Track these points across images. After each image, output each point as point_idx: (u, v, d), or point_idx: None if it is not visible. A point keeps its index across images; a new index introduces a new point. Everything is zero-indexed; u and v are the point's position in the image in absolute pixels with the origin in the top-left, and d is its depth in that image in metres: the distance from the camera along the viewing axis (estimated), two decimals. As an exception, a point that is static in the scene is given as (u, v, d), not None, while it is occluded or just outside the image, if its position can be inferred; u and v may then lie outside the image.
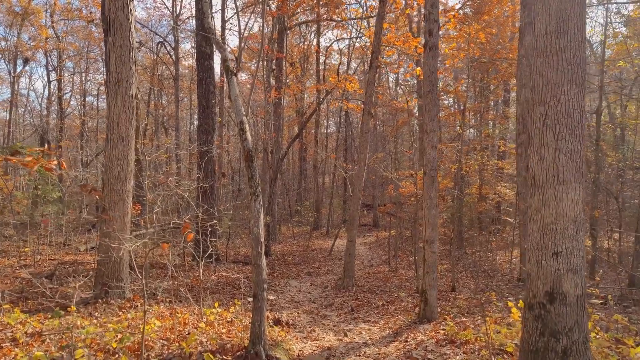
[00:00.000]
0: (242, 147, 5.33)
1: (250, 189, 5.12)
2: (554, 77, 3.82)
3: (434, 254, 8.35)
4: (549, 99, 3.86)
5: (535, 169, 4.00)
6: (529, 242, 4.05)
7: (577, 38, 3.78)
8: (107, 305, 8.13)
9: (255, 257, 4.77)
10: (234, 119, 5.59)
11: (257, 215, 5.00)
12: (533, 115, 4.00)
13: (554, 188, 3.85)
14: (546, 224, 3.91)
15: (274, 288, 11.66)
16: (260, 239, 4.88)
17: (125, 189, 8.49)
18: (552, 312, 3.83)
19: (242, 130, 5.47)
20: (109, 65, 8.46)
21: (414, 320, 8.46)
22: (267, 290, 4.93)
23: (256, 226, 4.93)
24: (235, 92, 5.76)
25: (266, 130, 17.53)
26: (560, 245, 3.83)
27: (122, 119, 8.39)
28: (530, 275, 4.02)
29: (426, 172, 8.37)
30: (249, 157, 5.21)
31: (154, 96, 28.17)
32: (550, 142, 3.86)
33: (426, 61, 8.38)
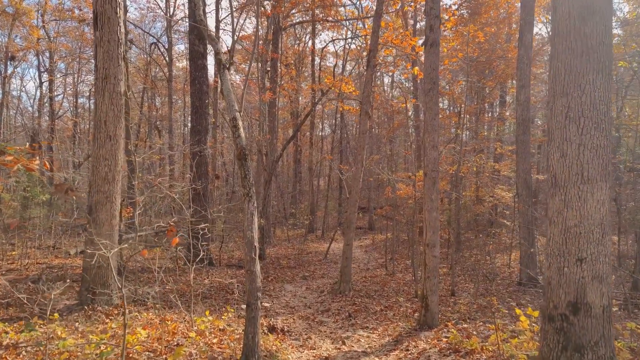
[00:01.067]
0: (234, 144, 4.92)
1: (244, 190, 4.71)
2: (577, 65, 3.45)
3: (435, 258, 7.97)
4: (572, 90, 3.49)
5: (556, 166, 3.61)
6: (548, 246, 3.67)
7: (604, 22, 3.41)
8: (93, 312, 7.68)
9: (248, 263, 4.36)
10: (227, 117, 5.17)
11: (250, 218, 4.60)
12: (554, 108, 3.62)
13: (577, 187, 3.48)
14: (569, 227, 3.52)
15: (268, 293, 11.23)
16: (254, 243, 4.47)
17: (113, 190, 8.05)
18: (575, 324, 3.44)
19: (234, 126, 5.06)
20: (96, 61, 8.03)
21: (414, 326, 8.06)
22: (261, 298, 4.52)
23: (250, 229, 4.52)
24: (228, 86, 5.35)
25: (261, 131, 17.12)
26: (584, 251, 3.45)
27: (109, 117, 7.95)
28: (551, 284, 3.63)
29: (427, 173, 7.99)
30: (242, 155, 4.81)
31: (147, 98, 27.66)
32: (573, 137, 3.49)
33: (427, 58, 8.01)
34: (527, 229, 11.43)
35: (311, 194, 25.42)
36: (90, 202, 8.02)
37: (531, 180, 11.65)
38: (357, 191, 11.15)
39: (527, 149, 11.55)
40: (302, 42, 26.04)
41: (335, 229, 21.02)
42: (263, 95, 16.26)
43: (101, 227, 7.92)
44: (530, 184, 11.55)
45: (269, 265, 14.98)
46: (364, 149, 11.22)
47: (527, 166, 11.54)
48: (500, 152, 19.29)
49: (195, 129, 13.36)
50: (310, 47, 24.05)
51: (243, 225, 15.98)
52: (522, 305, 9.83)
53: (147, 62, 25.26)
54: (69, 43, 26.02)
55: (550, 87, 3.64)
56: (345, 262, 11.23)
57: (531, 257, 11.43)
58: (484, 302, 10.10)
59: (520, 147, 11.58)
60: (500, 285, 11.97)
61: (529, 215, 11.43)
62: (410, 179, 13.42)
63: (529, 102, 11.42)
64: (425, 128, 8.13)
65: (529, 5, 11.20)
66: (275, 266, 14.85)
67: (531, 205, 11.46)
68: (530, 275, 11.35)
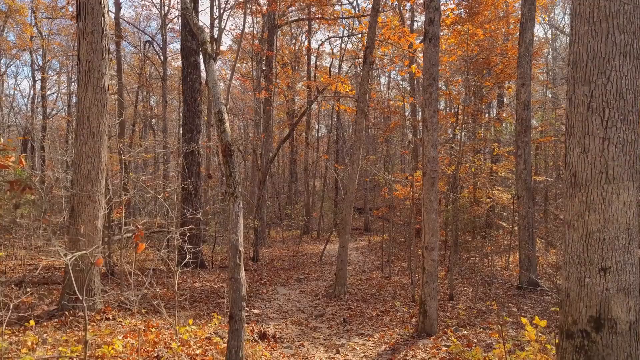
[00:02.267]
0: (219, 139, 4.49)
1: (229, 189, 4.27)
2: (602, 49, 3.03)
3: (434, 262, 7.54)
4: (596, 77, 3.06)
5: (576, 164, 3.18)
6: (566, 254, 3.24)
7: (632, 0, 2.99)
8: (74, 318, 7.20)
9: (232, 270, 3.92)
10: (212, 110, 4.71)
11: (235, 220, 4.15)
12: (573, 97, 3.19)
13: (601, 188, 3.05)
14: (591, 232, 3.10)
15: (261, 296, 10.77)
16: (239, 247, 4.03)
17: (96, 189, 7.58)
18: (598, 342, 3.02)
19: (220, 120, 4.62)
20: (79, 54, 7.56)
21: (412, 334, 7.63)
22: (245, 309, 4.07)
23: (234, 232, 4.08)
24: (214, 77, 4.91)
25: (255, 131, 16.67)
26: (609, 259, 3.03)
27: (93, 113, 7.49)
28: (569, 296, 3.20)
29: (426, 173, 7.56)
30: (227, 151, 4.36)
31: (142, 97, 27.15)
32: (596, 130, 3.06)
33: (426, 52, 7.58)
34: (527, 231, 11.02)
35: (307, 194, 24.98)
36: (72, 201, 7.55)
37: (531, 181, 11.25)
38: (353, 191, 10.72)
39: (527, 149, 11.15)
40: (298, 41, 25.61)
41: (330, 230, 20.58)
42: (258, 93, 15.82)
43: (83, 228, 7.44)
44: (530, 185, 11.15)
45: (263, 267, 14.52)
46: (360, 148, 10.78)
47: (527, 167, 11.14)
48: (497, 153, 18.90)
49: (187, 127, 12.90)
50: (306, 46, 23.62)
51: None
52: (523, 311, 9.42)
53: (141, 61, 24.76)
54: (62, 41, 25.49)
55: (569, 74, 3.22)
56: (341, 265, 10.78)
57: (531, 260, 11.02)
58: (484, 307, 9.69)
59: (520, 148, 11.18)
60: (499, 289, 11.56)
61: (529, 217, 11.03)
62: (408, 179, 13.00)
63: (529, 101, 11.03)
64: (424, 126, 7.71)
65: (530, 1, 10.80)
66: (269, 268, 14.40)
67: (531, 207, 11.05)
68: (531, 279, 10.94)
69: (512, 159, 18.93)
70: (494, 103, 23.73)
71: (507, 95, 21.34)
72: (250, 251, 15.55)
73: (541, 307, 9.66)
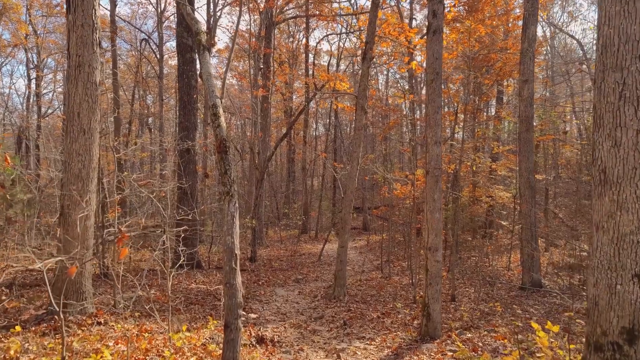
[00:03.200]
0: (214, 134, 4.16)
1: (223, 187, 3.95)
2: (636, 31, 2.72)
3: (438, 263, 7.23)
4: (629, 62, 2.76)
5: (606, 159, 2.87)
6: (594, 258, 2.94)
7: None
8: (65, 322, 6.86)
9: (228, 274, 3.60)
10: (207, 104, 4.38)
11: (231, 221, 3.84)
12: (603, 85, 2.88)
13: (634, 185, 2.75)
14: (623, 234, 2.79)
15: (259, 298, 10.45)
16: (235, 250, 3.72)
17: (88, 188, 7.24)
18: (631, 356, 2.72)
19: (214, 115, 4.30)
20: (69, 48, 7.21)
21: (415, 337, 7.31)
22: (242, 316, 3.75)
23: (230, 234, 3.76)
24: (208, 69, 4.58)
25: (253, 129, 16.33)
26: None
27: (83, 109, 7.15)
28: (598, 305, 2.90)
29: (429, 171, 7.25)
30: (222, 147, 4.04)
31: (138, 96, 26.75)
32: (630, 121, 2.76)
33: (429, 46, 7.27)
34: (529, 231, 10.73)
35: (305, 193, 24.66)
36: (62, 201, 7.20)
37: (534, 179, 10.96)
38: (352, 190, 10.40)
39: (529, 147, 10.85)
40: (296, 39, 25.28)
41: (329, 229, 20.27)
42: (255, 91, 15.48)
43: (74, 229, 7.09)
44: (532, 184, 10.86)
45: (261, 267, 14.20)
46: (360, 146, 10.47)
47: (529, 165, 10.84)
48: (497, 152, 18.60)
49: (183, 125, 12.56)
50: (304, 43, 23.28)
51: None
52: (528, 312, 9.13)
53: (137, 59, 24.36)
54: (58, 39, 25.08)
55: (598, 60, 2.91)
56: (340, 266, 10.47)
57: (534, 260, 10.73)
58: (487, 309, 9.39)
59: (522, 145, 10.88)
60: (501, 289, 11.27)
61: (532, 216, 10.73)
62: (408, 178, 12.69)
63: (532, 98, 10.74)
64: (427, 123, 7.40)
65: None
66: (267, 268, 14.07)
67: (534, 206, 10.76)
68: (534, 279, 10.66)
69: (511, 157, 18.65)
70: (493, 102, 23.46)
71: (506, 93, 21.07)
72: (248, 251, 15.23)
73: (546, 309, 9.37)
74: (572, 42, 24.94)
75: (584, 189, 13.84)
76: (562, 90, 24.26)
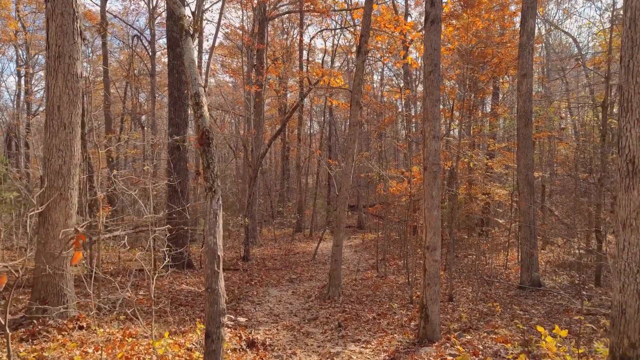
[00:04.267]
0: (196, 125, 3.79)
1: (206, 183, 3.58)
2: (671, 0, 2.37)
3: (436, 262, 6.88)
4: (662, 37, 2.40)
5: (635, 148, 2.51)
6: (620, 259, 2.59)
7: None
8: (43, 327, 6.46)
9: (209, 278, 3.23)
10: (189, 93, 3.98)
11: (214, 219, 3.47)
12: (631, 64, 2.52)
13: (669, 176, 2.39)
14: (655, 232, 2.44)
15: (251, 298, 10.07)
16: (218, 252, 3.35)
17: (69, 185, 6.84)
18: (665, 371, 2.37)
19: (197, 104, 3.93)
20: (48, 38, 6.80)
21: (413, 340, 6.97)
22: (226, 324, 3.38)
23: (212, 234, 3.39)
24: (191, 56, 4.21)
25: (246, 126, 15.94)
26: (677, 267, 2.37)
27: (64, 102, 6.75)
28: (625, 313, 2.55)
29: (427, 167, 6.90)
30: (204, 138, 3.67)
31: (131, 93, 26.25)
32: (663, 104, 2.40)
33: (427, 37, 6.91)
34: (528, 229, 10.41)
35: (299, 191, 24.28)
36: (41, 199, 6.80)
37: (533, 176, 10.64)
38: (347, 188, 10.04)
39: (528, 143, 10.54)
40: (290, 35, 24.87)
41: (323, 227, 19.90)
42: (248, 86, 15.07)
43: (54, 229, 6.71)
44: (531, 181, 10.54)
45: (254, 266, 13.82)
46: (355, 142, 10.10)
47: (528, 161, 10.53)
48: (492, 149, 18.31)
49: (173, 121, 12.15)
50: (297, 37, 22.88)
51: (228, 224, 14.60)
52: (528, 312, 8.80)
53: (129, 56, 23.88)
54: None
55: (625, 36, 2.55)
56: (335, 265, 10.11)
57: (533, 258, 10.42)
58: (485, 309, 9.07)
59: (521, 141, 10.56)
60: (499, 288, 10.95)
61: (531, 213, 10.42)
62: (404, 175, 12.34)
63: (531, 93, 10.42)
64: (424, 116, 7.04)
65: (532, -11, 10.17)
66: (260, 268, 13.69)
67: (533, 203, 10.45)
68: (532, 278, 10.35)
69: (507, 154, 18.37)
70: (488, 100, 23.16)
71: (502, 90, 20.77)
72: (241, 250, 14.85)
73: (546, 309, 9.06)
74: (566, 40, 24.71)
75: (581, 187, 13.54)
76: (556, 88, 24.02)
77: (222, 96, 24.02)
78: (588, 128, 15.60)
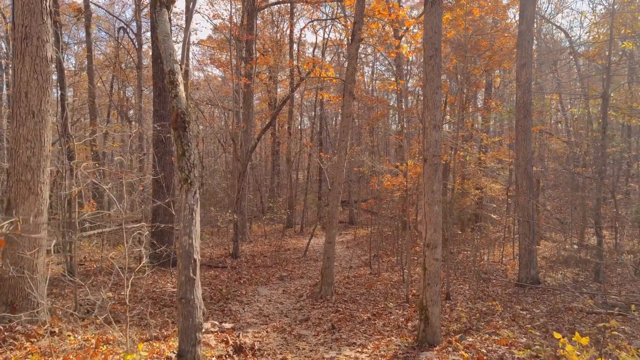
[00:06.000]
0: (170, 106, 3.21)
1: (181, 173, 3.00)
2: None
3: (437, 261, 6.36)
4: None
5: None
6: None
7: None
8: (10, 333, 5.84)
9: (183, 287, 2.67)
10: (165, 69, 3.35)
11: (189, 216, 2.90)
12: None
13: None
14: None
15: (239, 298, 9.51)
16: (194, 254, 2.79)
17: (38, 179, 6.21)
18: None
19: (172, 82, 3.35)
20: (14, 18, 6.13)
21: (412, 344, 6.46)
22: (200, 343, 2.81)
23: (187, 234, 2.82)
24: (166, 29, 3.62)
25: (234, 119, 15.29)
26: None
27: (32, 88, 6.10)
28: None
29: (427, 158, 6.37)
30: (179, 121, 3.10)
31: (118, 87, 25.39)
32: None
33: (427, 19, 6.36)
34: (527, 224, 9.95)
35: (290, 186, 23.68)
36: (7, 194, 6.15)
37: (532, 169, 10.17)
38: (340, 182, 9.49)
39: (527, 135, 10.06)
40: (280, 29, 24.19)
41: (315, 223, 19.34)
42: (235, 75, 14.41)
43: (22, 226, 6.06)
44: (530, 174, 10.08)
45: (243, 264, 13.23)
46: (348, 134, 9.55)
47: (527, 154, 10.06)
48: (486, 144, 17.87)
49: (158, 113, 11.50)
50: (288, 28, 22.21)
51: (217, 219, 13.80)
52: (528, 311, 8.35)
53: (115, 48, 23.01)
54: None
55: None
56: (327, 263, 9.57)
57: (531, 254, 9.97)
58: (485, 308, 8.60)
59: (519, 133, 10.08)
60: (497, 285, 10.50)
61: (530, 208, 9.96)
62: (399, 168, 11.81)
63: (530, 84, 9.93)
64: (424, 104, 6.50)
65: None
66: (249, 265, 13.11)
67: (532, 198, 9.99)
68: (531, 275, 9.91)
69: (501, 149, 17.95)
70: (479, 95, 22.73)
71: (494, 84, 20.34)
72: (230, 247, 14.25)
73: (547, 307, 8.61)
74: (558, 35, 24.33)
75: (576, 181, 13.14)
76: (547, 83, 23.65)
77: (210, 90, 23.34)
78: (582, 122, 15.20)
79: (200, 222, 12.83)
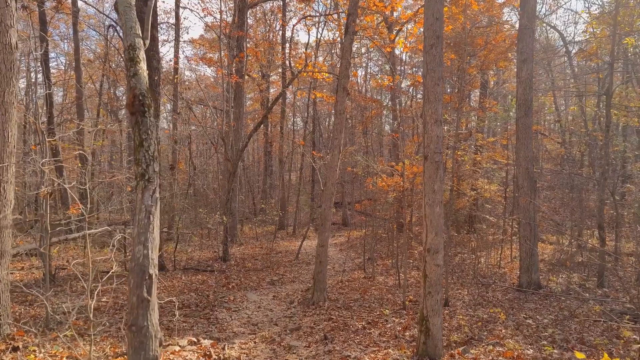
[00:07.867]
0: (127, 86, 2.61)
1: (137, 167, 2.40)
2: None
3: (439, 267, 5.78)
4: None
5: None
6: None
7: None
8: (-33, 349, 5.18)
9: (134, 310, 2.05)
10: (124, 44, 2.71)
11: (145, 220, 2.28)
12: None
13: None
14: None
15: (227, 305, 8.87)
16: (149, 269, 2.18)
17: (1, 178, 5.54)
18: None
19: (131, 59, 2.76)
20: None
21: (411, 357, 5.86)
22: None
23: (141, 242, 2.21)
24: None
25: (224, 118, 14.65)
26: None
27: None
28: None
29: (428, 156, 5.79)
30: (137, 104, 2.49)
31: (108, 86, 24.62)
32: None
33: (428, 5, 5.80)
34: (529, 226, 9.41)
35: (282, 188, 23.05)
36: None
37: (533, 169, 9.63)
38: (333, 182, 8.89)
39: (528, 134, 9.53)
40: (272, 28, 23.58)
41: (307, 225, 18.72)
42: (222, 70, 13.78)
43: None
44: (532, 174, 9.54)
45: (233, 267, 12.60)
46: (342, 132, 8.96)
47: (528, 153, 9.53)
48: (481, 144, 17.35)
49: (143, 110, 10.82)
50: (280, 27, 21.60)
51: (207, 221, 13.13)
52: (533, 319, 7.79)
53: (105, 46, 22.26)
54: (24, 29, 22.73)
55: None
56: (320, 267, 8.97)
57: (533, 258, 9.42)
58: (486, 315, 8.03)
59: (521, 132, 9.54)
60: (496, 290, 9.95)
61: (532, 210, 9.42)
62: (394, 168, 11.24)
63: (531, 80, 9.40)
64: (425, 98, 5.92)
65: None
66: (239, 269, 12.47)
67: (534, 199, 9.45)
68: (532, 279, 9.36)
69: (497, 149, 17.45)
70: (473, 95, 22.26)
71: (489, 84, 19.85)
72: (220, 250, 13.60)
73: (551, 314, 8.06)
74: (552, 35, 23.91)
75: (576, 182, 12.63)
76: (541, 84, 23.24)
77: (201, 90, 22.65)
78: (581, 121, 14.71)
79: (190, 224, 12.05)
